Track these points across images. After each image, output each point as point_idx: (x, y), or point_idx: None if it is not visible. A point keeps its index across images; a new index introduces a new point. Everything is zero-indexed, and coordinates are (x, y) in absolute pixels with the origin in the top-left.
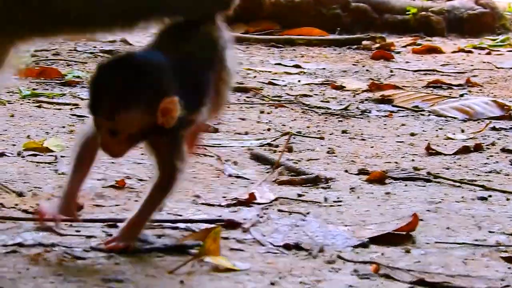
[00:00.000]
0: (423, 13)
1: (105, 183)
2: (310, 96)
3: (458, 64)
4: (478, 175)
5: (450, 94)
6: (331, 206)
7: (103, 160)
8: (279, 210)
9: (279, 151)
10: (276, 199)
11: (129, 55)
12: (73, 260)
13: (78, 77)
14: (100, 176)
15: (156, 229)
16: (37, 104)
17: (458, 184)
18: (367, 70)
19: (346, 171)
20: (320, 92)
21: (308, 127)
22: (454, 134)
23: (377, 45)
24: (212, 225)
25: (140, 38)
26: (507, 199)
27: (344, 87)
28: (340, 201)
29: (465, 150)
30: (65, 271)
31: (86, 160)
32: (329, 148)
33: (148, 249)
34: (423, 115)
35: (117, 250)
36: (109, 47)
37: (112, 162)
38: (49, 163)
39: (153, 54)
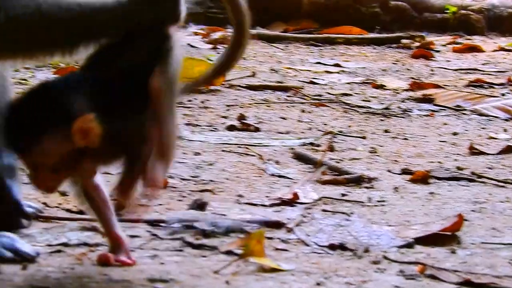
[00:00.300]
0: (463, 11)
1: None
2: (351, 95)
3: (499, 63)
4: None
5: (492, 93)
6: (375, 206)
7: None
8: (323, 210)
9: (321, 151)
10: (319, 199)
11: (36, 87)
12: None
13: None
14: None
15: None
16: None
17: (502, 184)
18: (407, 69)
19: (389, 170)
20: (361, 91)
21: (349, 126)
22: (496, 133)
23: (417, 44)
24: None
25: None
26: None
27: (385, 86)
28: (384, 201)
29: (508, 150)
30: (110, 271)
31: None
32: (371, 148)
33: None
34: (465, 114)
35: None
36: None
37: None
38: None
39: (64, 79)
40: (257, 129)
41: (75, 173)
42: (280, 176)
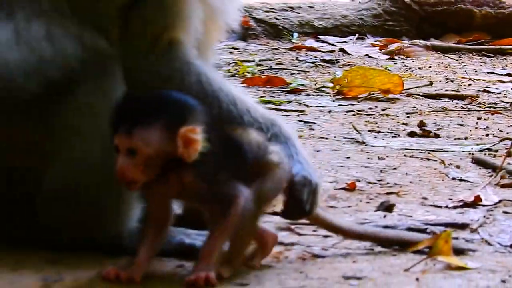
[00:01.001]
0: None
1: (336, 185)
2: None
3: None
4: None
5: None
6: None
7: (333, 163)
8: (504, 212)
9: (500, 156)
10: (500, 201)
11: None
12: (313, 258)
13: (302, 85)
14: (331, 179)
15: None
16: None
17: None
18: None
19: None
20: None
21: None
22: None
23: None
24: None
25: (357, 48)
26: None
27: None
28: None
29: None
30: (306, 268)
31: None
32: None
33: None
34: None
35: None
36: (328, 56)
37: (341, 166)
38: None
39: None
40: (436, 135)
41: (157, 183)
42: (461, 180)
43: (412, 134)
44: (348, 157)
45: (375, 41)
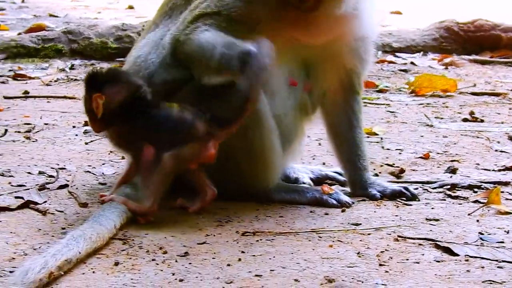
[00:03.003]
0: None
1: (416, 155)
2: None
3: None
4: None
5: None
6: None
7: (412, 140)
8: None
9: None
10: None
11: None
12: (404, 206)
13: (386, 86)
14: (412, 151)
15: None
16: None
17: None
18: None
19: None
20: None
21: None
22: None
23: None
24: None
25: (422, 61)
26: None
27: None
28: None
29: None
30: (399, 212)
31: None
32: None
33: None
34: None
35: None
36: (403, 67)
37: (418, 142)
38: (376, 142)
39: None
40: (482, 120)
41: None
42: (501, 151)
43: (465, 120)
44: (422, 136)
45: (435, 56)
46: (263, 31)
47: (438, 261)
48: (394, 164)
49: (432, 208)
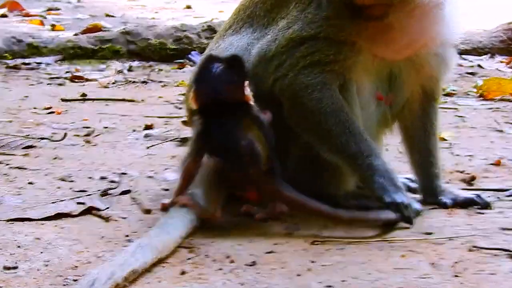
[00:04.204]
0: None
1: (487, 162)
2: None
3: None
4: None
5: None
6: None
7: (482, 146)
8: None
9: None
10: None
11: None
12: (477, 215)
13: (454, 90)
14: (483, 157)
15: None
16: None
17: None
18: None
19: None
20: None
21: None
22: None
23: None
24: None
25: (490, 64)
26: None
27: None
28: None
29: None
30: (472, 221)
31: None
32: None
33: None
34: None
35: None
36: (470, 70)
37: (488, 148)
38: (446, 148)
39: None
40: None
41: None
42: None
43: None
44: (492, 142)
45: (502, 59)
46: (357, 51)
47: None
48: (464, 171)
49: (507, 217)
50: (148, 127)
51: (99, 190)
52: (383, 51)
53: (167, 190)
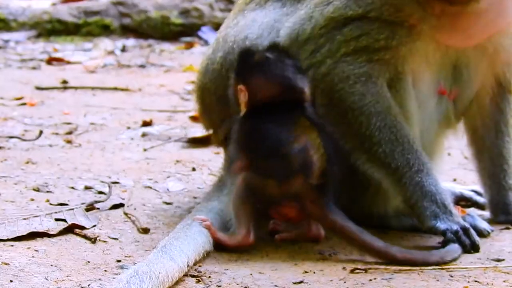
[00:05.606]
0: None
1: None
2: None
3: None
4: None
5: None
6: None
7: None
8: None
9: None
10: None
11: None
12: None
13: None
14: None
15: None
16: None
17: None
18: None
19: None
20: None
21: None
22: None
23: None
24: None
25: None
26: None
27: None
28: None
29: None
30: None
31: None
32: None
33: None
34: None
35: None
36: None
37: None
38: None
39: None
40: None
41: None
42: None
43: None
44: None
45: None
46: (416, 36)
47: None
48: None
49: None
50: (146, 123)
51: (83, 204)
52: (451, 38)
53: (169, 204)
